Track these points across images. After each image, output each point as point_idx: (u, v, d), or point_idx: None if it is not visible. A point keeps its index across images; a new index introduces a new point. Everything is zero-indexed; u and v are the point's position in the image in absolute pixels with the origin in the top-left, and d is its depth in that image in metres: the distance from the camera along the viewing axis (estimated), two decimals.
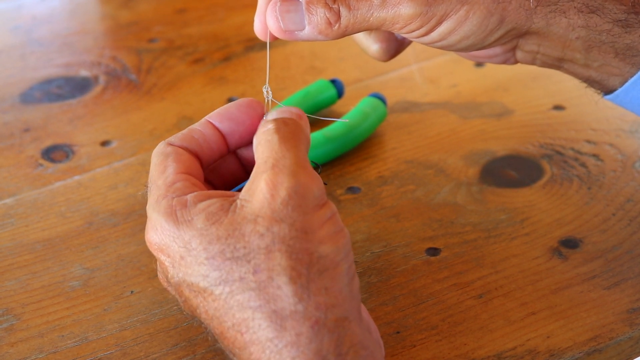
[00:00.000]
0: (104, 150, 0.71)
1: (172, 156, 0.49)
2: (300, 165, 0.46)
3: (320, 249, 0.44)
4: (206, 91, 0.79)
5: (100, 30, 0.92)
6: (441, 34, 0.53)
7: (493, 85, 0.78)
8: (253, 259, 0.44)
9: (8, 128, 0.75)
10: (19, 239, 0.62)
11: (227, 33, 0.89)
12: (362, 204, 0.65)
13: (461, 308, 0.56)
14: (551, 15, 0.53)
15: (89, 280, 0.58)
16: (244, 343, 0.44)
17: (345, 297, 0.44)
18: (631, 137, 0.71)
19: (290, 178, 0.45)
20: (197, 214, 0.45)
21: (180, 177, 0.48)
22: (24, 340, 0.54)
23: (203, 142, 0.50)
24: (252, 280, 0.44)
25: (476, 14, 0.52)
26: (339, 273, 0.44)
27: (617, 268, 0.58)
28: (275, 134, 0.47)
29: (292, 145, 0.47)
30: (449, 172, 0.68)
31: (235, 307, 0.44)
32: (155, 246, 0.47)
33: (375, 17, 0.52)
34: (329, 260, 0.44)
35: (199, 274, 0.45)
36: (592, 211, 0.63)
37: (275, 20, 0.52)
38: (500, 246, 0.60)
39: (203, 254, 0.45)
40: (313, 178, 0.46)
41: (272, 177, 0.45)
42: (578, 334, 0.54)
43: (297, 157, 0.46)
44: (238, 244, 0.44)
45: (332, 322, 0.43)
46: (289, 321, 0.43)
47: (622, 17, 0.53)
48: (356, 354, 0.43)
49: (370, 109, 0.71)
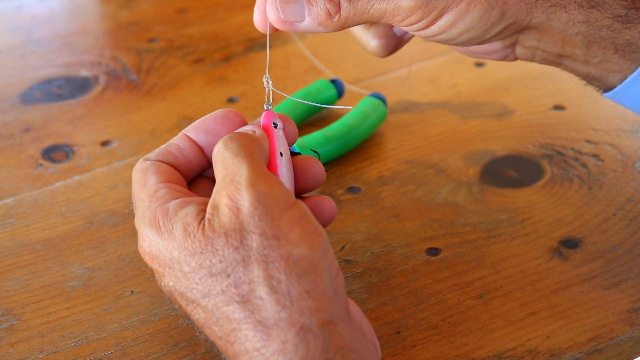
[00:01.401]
0: (104, 150, 0.71)
1: (152, 169, 0.49)
2: (257, 174, 0.45)
3: (295, 252, 0.43)
4: (206, 91, 0.79)
5: (100, 30, 0.92)
6: (442, 26, 0.52)
7: (493, 85, 0.78)
8: (232, 273, 0.44)
9: (8, 128, 0.75)
10: (19, 239, 0.62)
11: (227, 33, 0.89)
12: (362, 204, 0.65)
13: (461, 308, 0.56)
14: (552, 10, 0.53)
15: (89, 280, 0.58)
16: (234, 353, 0.44)
17: (329, 299, 0.44)
18: (631, 137, 0.71)
19: (249, 189, 0.44)
20: (176, 223, 0.45)
21: (161, 185, 0.48)
22: (24, 340, 0.54)
23: (180, 155, 0.50)
24: (235, 294, 0.44)
25: (477, 7, 0.52)
26: (319, 274, 0.44)
27: (617, 268, 0.58)
28: (226, 151, 0.47)
29: (245, 156, 0.46)
30: (450, 172, 0.68)
31: (222, 319, 0.44)
32: (147, 256, 0.48)
33: (376, 8, 0.51)
34: (306, 262, 0.43)
35: (186, 285, 0.45)
36: (592, 211, 0.63)
37: (275, 11, 0.52)
38: (500, 246, 0.60)
39: (185, 266, 0.45)
40: (273, 184, 0.45)
41: (232, 193, 0.44)
42: (578, 334, 0.54)
43: (252, 167, 0.45)
44: (214, 258, 0.44)
45: (318, 327, 0.43)
46: (275, 330, 0.43)
47: (623, 13, 0.53)
48: (343, 357, 0.43)
49: (371, 109, 0.71)
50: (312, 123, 0.73)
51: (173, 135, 0.72)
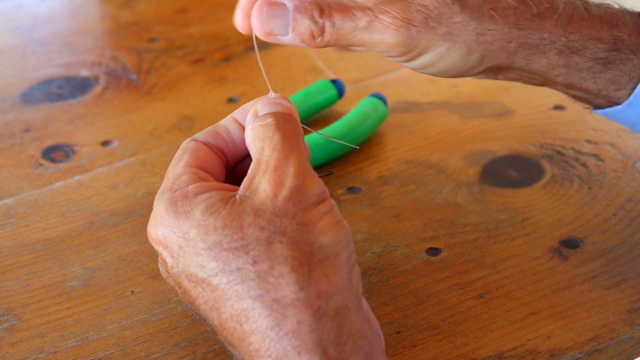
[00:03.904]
0: (105, 150, 0.71)
1: (190, 151, 0.50)
2: (302, 166, 0.47)
3: (321, 238, 0.45)
4: (206, 91, 0.79)
5: (100, 30, 0.92)
6: (421, 64, 0.53)
7: (493, 85, 0.78)
8: (252, 250, 0.44)
9: (8, 128, 0.75)
10: (19, 238, 0.62)
11: (227, 33, 0.89)
12: (362, 204, 0.65)
13: (462, 308, 0.56)
14: (532, 57, 0.54)
15: (90, 280, 0.58)
16: (243, 333, 0.44)
17: (345, 286, 0.45)
18: (631, 137, 0.71)
19: (293, 179, 0.46)
20: (196, 205, 0.46)
21: (187, 169, 0.48)
22: (25, 340, 0.54)
23: (227, 137, 0.51)
24: (252, 271, 0.44)
25: (457, 51, 0.52)
26: (339, 262, 0.45)
27: (617, 268, 0.58)
28: (277, 132, 0.48)
29: (295, 146, 0.47)
30: (450, 172, 0.68)
31: (233, 297, 0.44)
32: (154, 236, 0.48)
33: (359, 38, 0.52)
34: (329, 250, 0.45)
35: (197, 264, 0.45)
36: (592, 211, 0.63)
37: (259, 23, 0.52)
38: (500, 246, 0.60)
39: (200, 244, 0.45)
40: (314, 178, 0.47)
41: (276, 179, 0.46)
42: (578, 334, 0.54)
43: (299, 159, 0.47)
44: (235, 235, 0.45)
45: (333, 311, 0.44)
46: (290, 309, 0.43)
47: (603, 56, 0.54)
48: (354, 343, 0.44)
49: (371, 109, 0.71)
50: (313, 123, 0.73)
51: (173, 135, 0.73)
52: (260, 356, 0.43)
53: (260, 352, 0.43)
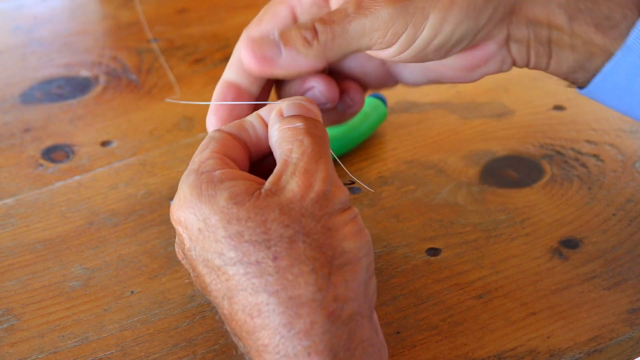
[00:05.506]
0: (105, 150, 0.71)
1: (217, 139, 0.50)
2: (331, 173, 0.47)
3: (344, 244, 0.45)
4: (207, 91, 0.79)
5: (100, 31, 0.92)
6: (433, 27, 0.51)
7: (493, 85, 0.78)
8: (273, 246, 0.44)
9: (8, 128, 0.75)
10: (19, 239, 0.62)
11: (227, 33, 0.89)
12: (362, 204, 0.65)
13: (461, 308, 0.56)
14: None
15: (90, 280, 0.58)
16: (253, 327, 0.44)
17: (361, 293, 0.45)
18: (631, 137, 0.71)
19: (322, 184, 0.46)
20: (221, 191, 0.46)
21: (215, 155, 0.48)
22: (25, 340, 0.54)
23: (252, 133, 0.51)
24: (271, 266, 0.44)
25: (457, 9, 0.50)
26: (359, 269, 0.45)
27: (617, 268, 0.58)
28: (307, 137, 0.48)
29: (324, 152, 0.48)
30: (450, 173, 0.68)
31: (249, 289, 0.44)
32: (175, 216, 0.47)
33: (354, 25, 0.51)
34: (351, 255, 0.45)
35: (215, 251, 0.45)
36: (592, 211, 0.63)
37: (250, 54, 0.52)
38: (500, 246, 0.60)
39: (221, 231, 0.45)
40: (340, 186, 0.47)
41: (305, 181, 0.46)
42: (578, 334, 0.54)
43: (328, 165, 0.47)
44: (258, 228, 0.45)
45: (347, 316, 0.44)
46: (305, 308, 0.43)
47: None
48: (364, 350, 0.44)
49: (371, 109, 0.71)
50: None
51: (173, 135, 0.73)
52: (268, 352, 0.43)
53: (269, 348, 0.43)
